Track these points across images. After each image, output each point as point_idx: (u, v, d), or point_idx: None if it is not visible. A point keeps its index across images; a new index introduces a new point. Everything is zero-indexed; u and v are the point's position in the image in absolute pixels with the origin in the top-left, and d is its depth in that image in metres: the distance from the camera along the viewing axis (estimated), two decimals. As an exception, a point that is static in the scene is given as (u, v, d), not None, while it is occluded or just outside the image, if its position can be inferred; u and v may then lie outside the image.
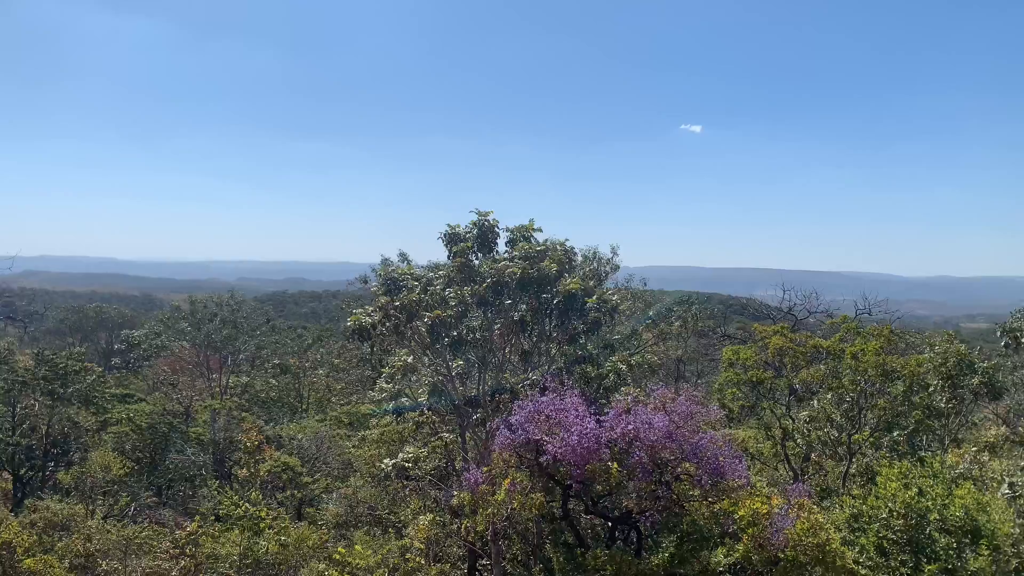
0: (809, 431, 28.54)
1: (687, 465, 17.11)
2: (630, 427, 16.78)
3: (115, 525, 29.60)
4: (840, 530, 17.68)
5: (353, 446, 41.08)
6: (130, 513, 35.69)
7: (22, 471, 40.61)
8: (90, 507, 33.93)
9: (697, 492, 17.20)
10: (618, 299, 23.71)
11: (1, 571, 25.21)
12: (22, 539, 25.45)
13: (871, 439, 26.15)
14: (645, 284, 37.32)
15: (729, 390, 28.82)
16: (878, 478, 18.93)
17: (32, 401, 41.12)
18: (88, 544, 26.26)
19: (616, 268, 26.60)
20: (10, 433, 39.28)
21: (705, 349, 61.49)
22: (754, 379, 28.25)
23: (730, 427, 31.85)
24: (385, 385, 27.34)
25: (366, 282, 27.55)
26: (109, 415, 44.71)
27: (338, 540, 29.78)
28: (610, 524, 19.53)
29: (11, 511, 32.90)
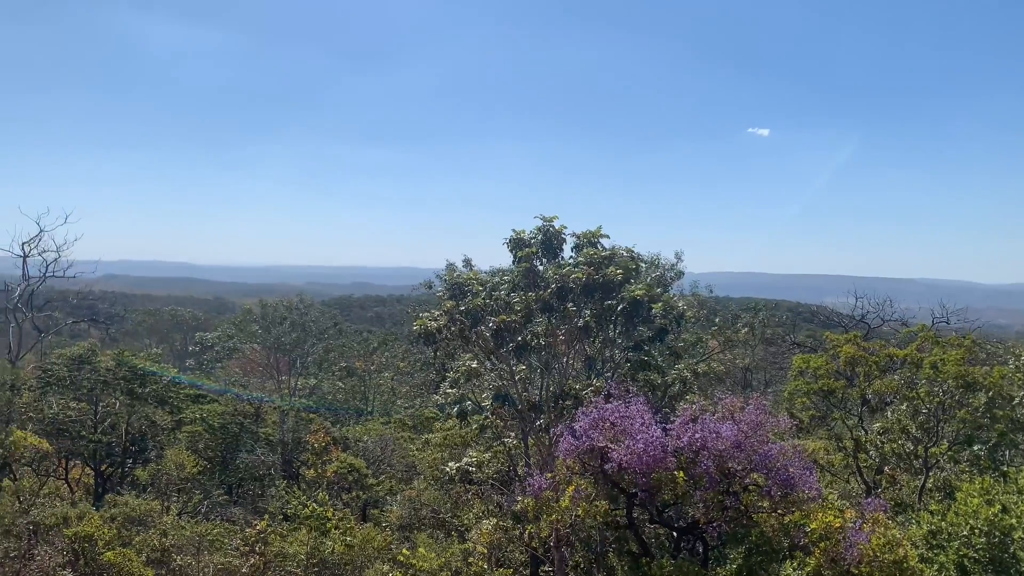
0: (883, 443, 27.61)
1: (755, 476, 16.75)
2: (697, 436, 16.51)
3: (189, 521, 30.54)
4: (917, 547, 17.02)
5: (417, 449, 41.56)
6: (203, 510, 36.75)
7: (103, 467, 42.22)
8: (165, 503, 35.09)
9: (766, 503, 16.81)
10: (684, 306, 23.39)
11: (83, 563, 26.30)
12: (103, 533, 26.49)
13: (949, 453, 25.15)
14: (711, 291, 36.70)
15: (799, 399, 28.12)
16: (958, 494, 18.16)
17: (113, 400, 42.70)
18: (164, 539, 27.16)
19: (680, 274, 26.27)
20: (93, 430, 40.86)
21: (773, 357, 60.22)
22: (825, 388, 27.52)
23: (799, 437, 31.07)
24: (449, 389, 27.54)
25: (431, 287, 27.83)
26: (183, 415, 46.15)
27: (402, 542, 30.11)
28: (675, 534, 19.24)
29: (93, 505, 34.26)
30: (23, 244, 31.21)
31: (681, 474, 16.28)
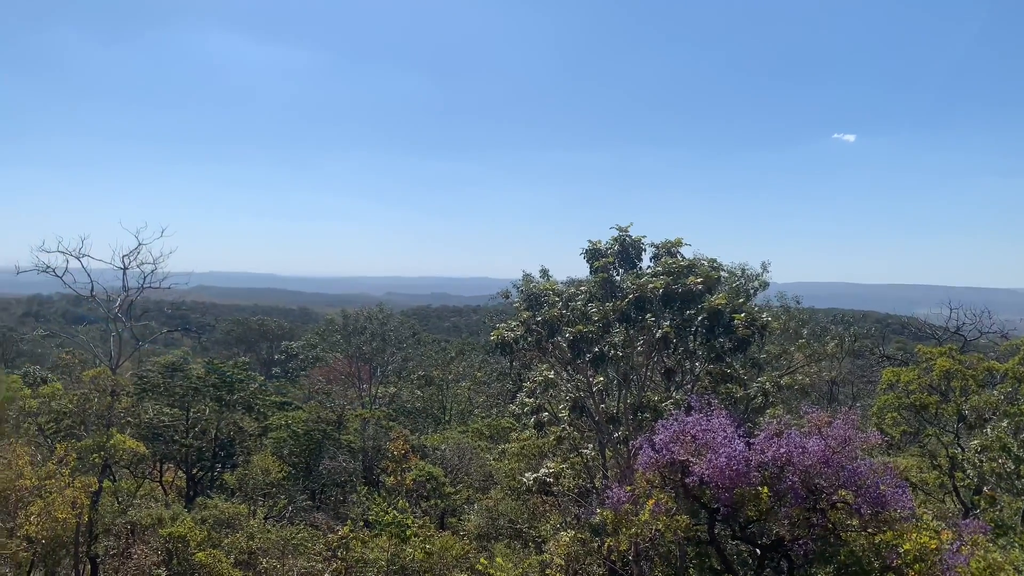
0: (981, 462, 26.26)
1: (844, 492, 16.14)
2: (782, 450, 16.04)
3: (274, 526, 31.47)
4: (1020, 572, 16.11)
5: (494, 459, 41.72)
6: (287, 515, 37.81)
7: (194, 471, 43.94)
8: (252, 507, 36.26)
9: (855, 522, 16.17)
10: (768, 317, 22.79)
11: (176, 562, 27.39)
12: (195, 534, 27.55)
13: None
14: (798, 302, 35.67)
15: (889, 414, 27.08)
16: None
17: (203, 406, 44.40)
18: (251, 542, 28.06)
19: (766, 285, 25.62)
20: (185, 435, 42.61)
21: (861, 370, 58.10)
22: (917, 403, 26.43)
23: (889, 454, 29.85)
24: (526, 399, 27.58)
25: (507, 297, 27.96)
26: (269, 421, 47.59)
27: (479, 551, 30.24)
28: (759, 551, 18.71)
29: (184, 507, 35.66)
30: (123, 257, 32.75)
31: (765, 490, 15.84)
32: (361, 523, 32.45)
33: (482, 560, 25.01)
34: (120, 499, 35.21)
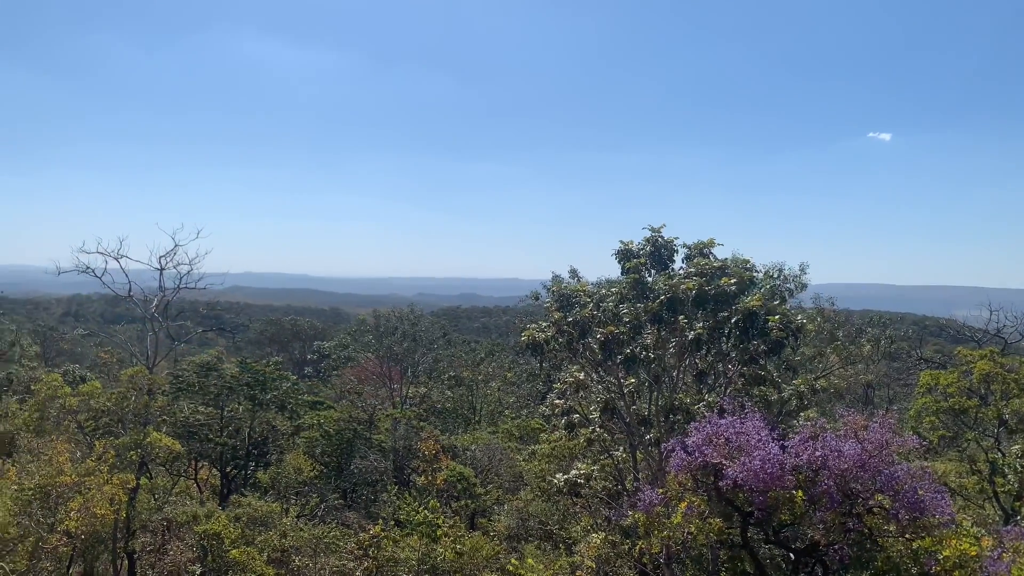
0: (1022, 467, 25.69)
1: (880, 497, 15.88)
2: (817, 454, 15.82)
3: (306, 524, 31.74)
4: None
5: (524, 459, 41.71)
6: (319, 513, 38.12)
7: (228, 469, 44.50)
8: (285, 506, 36.60)
9: (893, 527, 15.90)
10: (803, 319, 22.49)
11: (211, 559, 27.76)
12: (229, 532, 27.90)
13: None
14: (833, 303, 35.21)
15: (927, 418, 26.61)
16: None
17: (237, 405, 44.96)
18: (284, 540, 28.33)
19: (804, 287, 25.30)
20: (219, 434, 43.17)
21: (897, 373, 57.14)
22: (956, 407, 25.93)
23: (927, 459, 29.30)
24: (556, 401, 27.54)
25: (538, 298, 27.95)
26: (301, 421, 48.05)
27: (509, 552, 30.26)
28: (793, 556, 18.47)
29: (219, 505, 36.16)
30: (160, 258, 33.30)
31: (800, 493, 15.64)
32: (392, 522, 32.64)
33: (513, 561, 25.02)
34: (156, 496, 35.76)
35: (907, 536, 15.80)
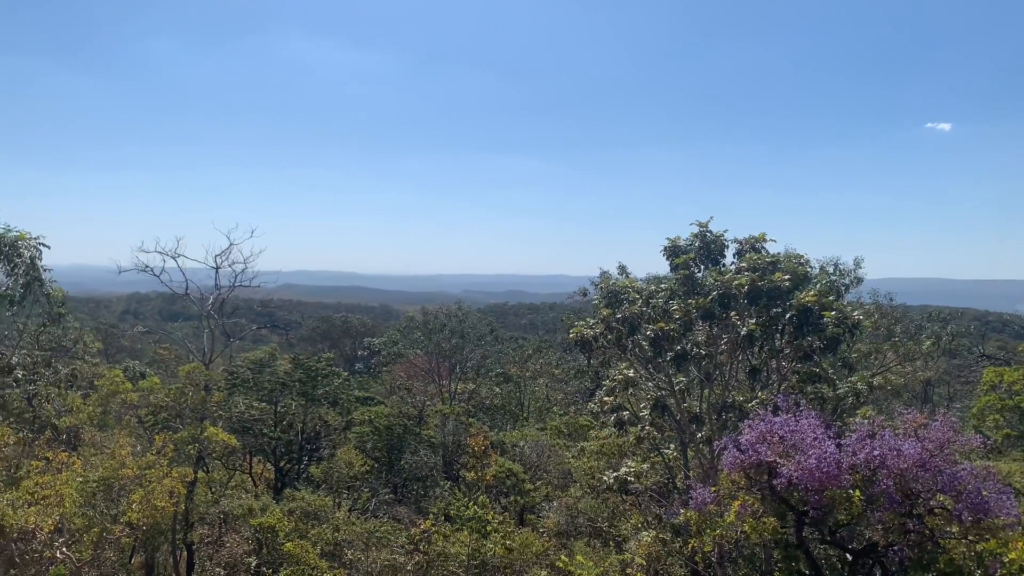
0: (1093, 468, 24.74)
1: (942, 497, 15.44)
2: (875, 453, 15.46)
3: (358, 518, 32.18)
4: None
5: (572, 457, 41.59)
6: (370, 508, 38.60)
7: (282, 463, 45.34)
8: (337, 500, 37.16)
9: (955, 528, 15.45)
10: (860, 315, 21.96)
11: (266, 551, 28.34)
12: (283, 525, 28.44)
13: None
14: (891, 299, 34.34)
15: (990, 416, 25.81)
16: None
17: (290, 401, 45.77)
18: (336, 534, 28.77)
19: (859, 281, 24.72)
20: (273, 428, 44.02)
21: (958, 370, 55.47)
22: (1022, 405, 25.02)
23: (990, 458, 28.38)
24: (606, 398, 27.39)
25: (586, 294, 27.82)
26: (352, 416, 48.67)
27: (559, 549, 30.22)
28: (850, 557, 18.08)
29: (273, 499, 36.85)
30: (216, 257, 34.09)
31: (857, 493, 15.30)
32: (442, 517, 32.87)
33: (562, 558, 24.98)
34: (213, 489, 36.64)
35: (970, 538, 15.36)
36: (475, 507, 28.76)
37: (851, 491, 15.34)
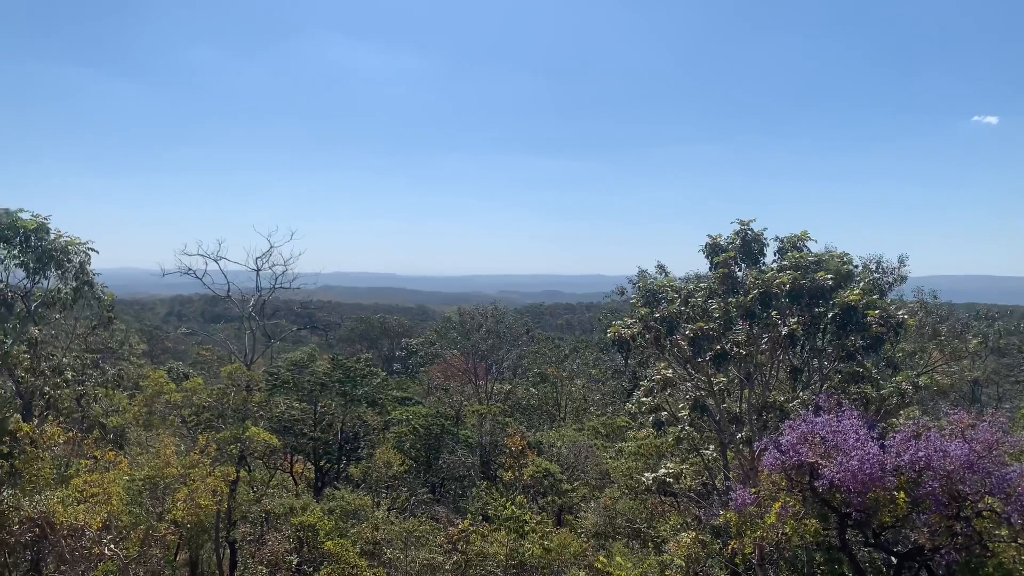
0: None
1: (991, 500, 15.07)
2: (920, 454, 15.14)
3: (397, 517, 32.42)
4: None
5: (610, 457, 41.42)
6: (409, 507, 38.86)
7: (322, 463, 45.89)
8: (376, 499, 37.47)
9: (1005, 532, 15.07)
10: (904, 313, 21.52)
11: (307, 550, 28.69)
12: (324, 524, 28.77)
13: None
14: (936, 296, 33.61)
15: (1041, 417, 25.01)
16: None
17: (329, 401, 46.29)
18: (376, 533, 29.01)
19: (903, 279, 24.21)
20: (313, 428, 44.58)
21: (1007, 370, 54.06)
22: (1075, 406, 24.28)
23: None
24: (644, 398, 27.22)
25: (623, 294, 27.67)
26: (391, 416, 49.05)
27: (597, 550, 30.12)
28: (894, 560, 17.73)
29: (313, 498, 37.32)
30: (256, 259, 34.65)
31: (902, 495, 15.00)
32: (480, 517, 32.97)
33: (601, 558, 24.88)
34: (255, 488, 37.19)
35: (1020, 541, 14.99)
36: (513, 507, 28.80)
37: (896, 493, 15.06)
